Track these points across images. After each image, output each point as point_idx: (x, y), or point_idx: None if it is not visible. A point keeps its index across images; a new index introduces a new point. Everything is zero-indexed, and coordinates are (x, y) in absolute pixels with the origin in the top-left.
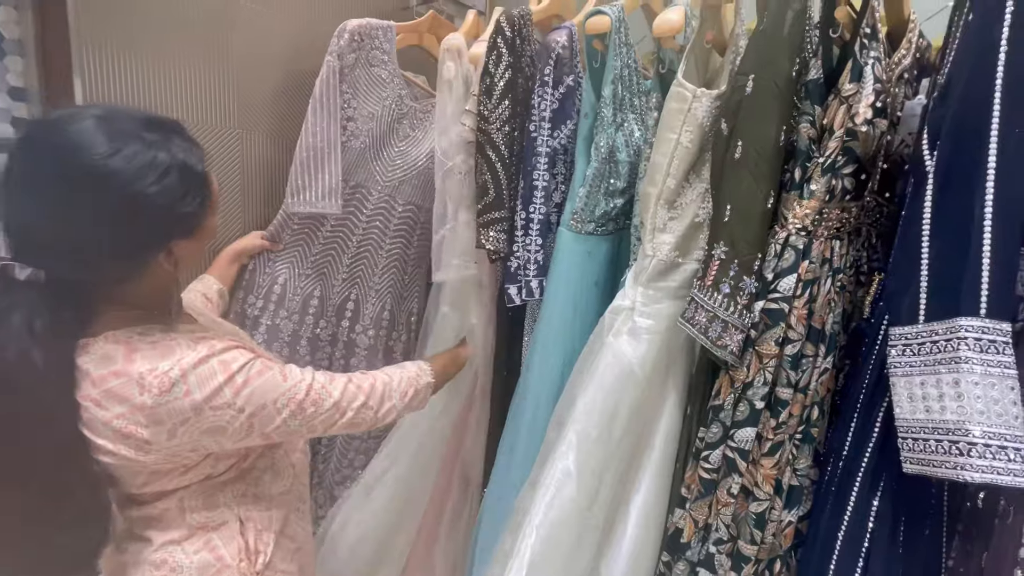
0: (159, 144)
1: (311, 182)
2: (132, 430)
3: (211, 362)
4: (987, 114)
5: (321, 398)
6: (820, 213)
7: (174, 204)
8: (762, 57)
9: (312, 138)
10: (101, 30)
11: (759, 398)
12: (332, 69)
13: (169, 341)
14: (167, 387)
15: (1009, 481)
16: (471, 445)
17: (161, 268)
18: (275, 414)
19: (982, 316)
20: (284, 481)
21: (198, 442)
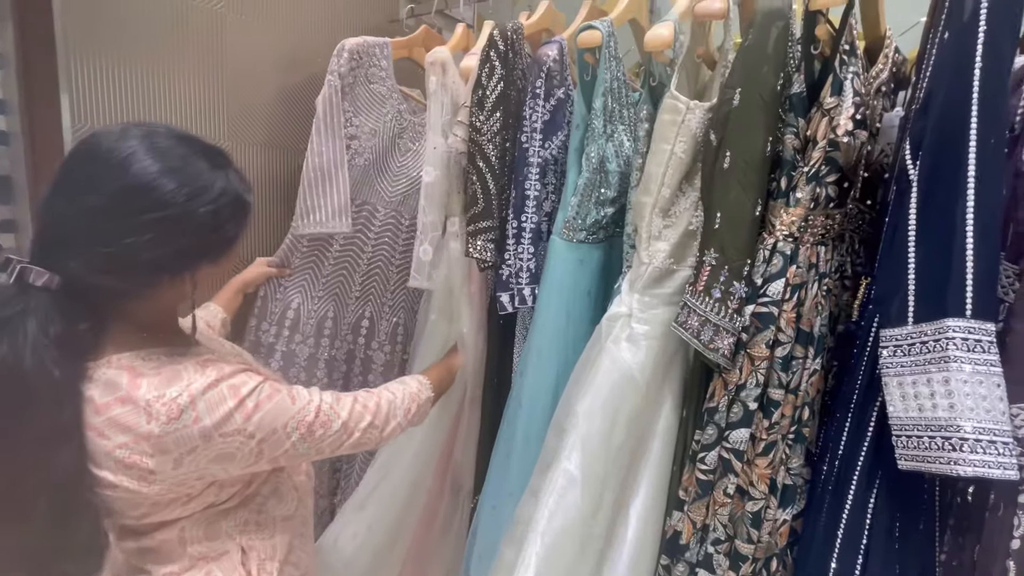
0: (220, 169)
1: (319, 203)
2: (135, 460)
3: (220, 387)
4: (965, 126)
5: (330, 419)
6: (806, 220)
7: (218, 228)
8: (748, 72)
9: (318, 159)
10: (89, 42)
11: (752, 399)
12: (334, 88)
13: (175, 366)
14: (176, 414)
15: (999, 474)
16: (462, 452)
17: (180, 288)
18: (284, 439)
19: (968, 317)
20: (288, 505)
21: (205, 470)
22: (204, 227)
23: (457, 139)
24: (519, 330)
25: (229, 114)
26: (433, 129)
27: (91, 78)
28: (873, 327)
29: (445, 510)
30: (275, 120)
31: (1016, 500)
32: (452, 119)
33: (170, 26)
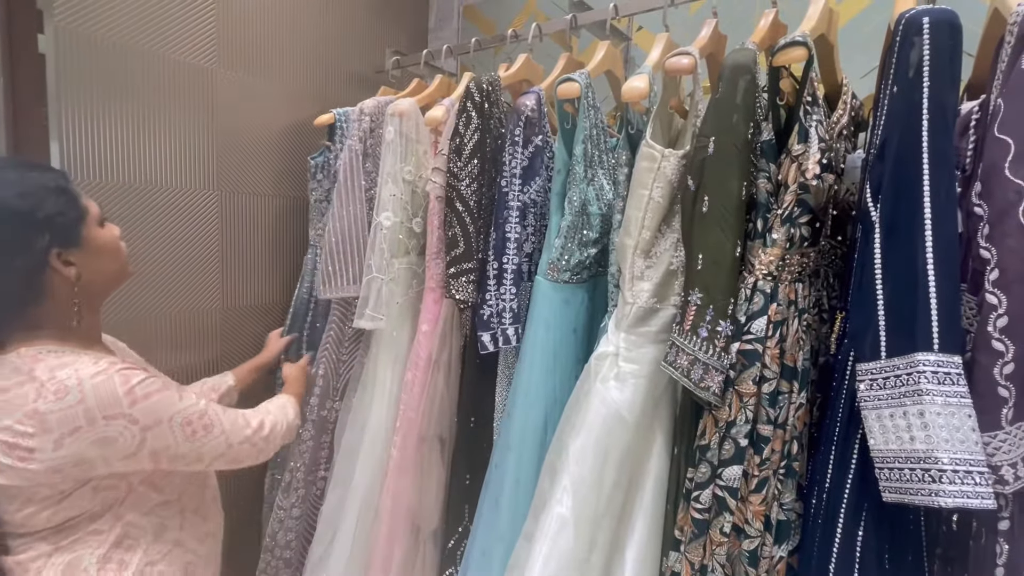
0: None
1: (343, 268)
2: (17, 440)
3: (111, 374)
4: (919, 169)
5: (212, 424)
6: (783, 259)
7: (34, 209)
8: (721, 121)
9: (340, 223)
10: (80, 94)
11: (743, 436)
12: (355, 153)
13: (75, 355)
14: (62, 394)
15: (978, 504)
16: (415, 493)
17: (63, 281)
18: (168, 432)
19: (936, 351)
20: (162, 546)
21: (84, 454)
22: (18, 212)
23: (436, 185)
24: (502, 370)
25: (219, 165)
26: (392, 177)
27: (82, 129)
28: (849, 361)
29: (403, 552)
30: (265, 170)
31: (997, 528)
32: (403, 167)
33: (162, 81)
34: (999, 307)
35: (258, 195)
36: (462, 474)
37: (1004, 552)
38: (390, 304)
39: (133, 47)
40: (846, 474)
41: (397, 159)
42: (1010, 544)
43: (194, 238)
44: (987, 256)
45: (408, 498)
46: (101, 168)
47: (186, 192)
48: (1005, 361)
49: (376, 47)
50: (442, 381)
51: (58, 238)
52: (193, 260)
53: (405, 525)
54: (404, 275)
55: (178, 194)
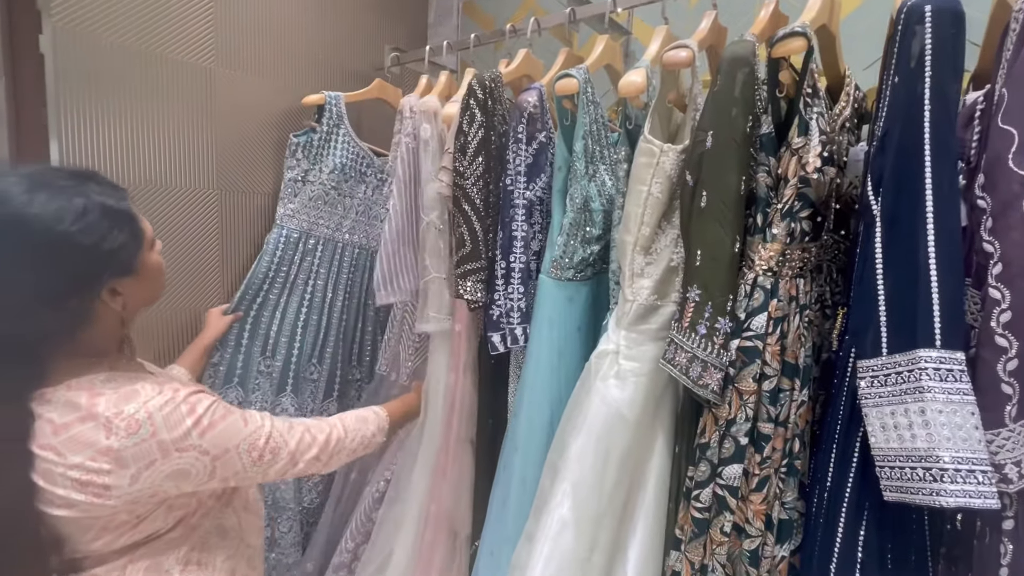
0: (73, 189)
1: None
2: (91, 478)
3: (178, 404)
4: (920, 162)
5: (278, 447)
6: (783, 255)
7: (99, 242)
8: (719, 114)
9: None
10: (79, 94)
11: (743, 434)
12: (411, 150)
13: (132, 385)
14: (134, 429)
15: (980, 504)
16: (454, 497)
17: (109, 310)
18: (236, 459)
19: (938, 347)
20: (230, 544)
21: (160, 486)
22: (83, 246)
23: (443, 184)
24: (512, 369)
25: (219, 164)
26: (428, 175)
27: (81, 129)
28: (851, 357)
29: (442, 558)
30: (265, 168)
31: (1001, 527)
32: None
33: (161, 81)
34: (1002, 302)
35: (258, 194)
36: (483, 477)
37: (1008, 552)
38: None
39: (132, 47)
40: (847, 473)
41: (436, 159)
42: (1015, 544)
43: (194, 238)
44: (990, 250)
45: (448, 503)
46: (100, 168)
47: (186, 191)
48: (1009, 357)
49: (375, 44)
50: (470, 383)
51: (116, 271)
52: (194, 260)
53: (445, 531)
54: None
55: (178, 193)
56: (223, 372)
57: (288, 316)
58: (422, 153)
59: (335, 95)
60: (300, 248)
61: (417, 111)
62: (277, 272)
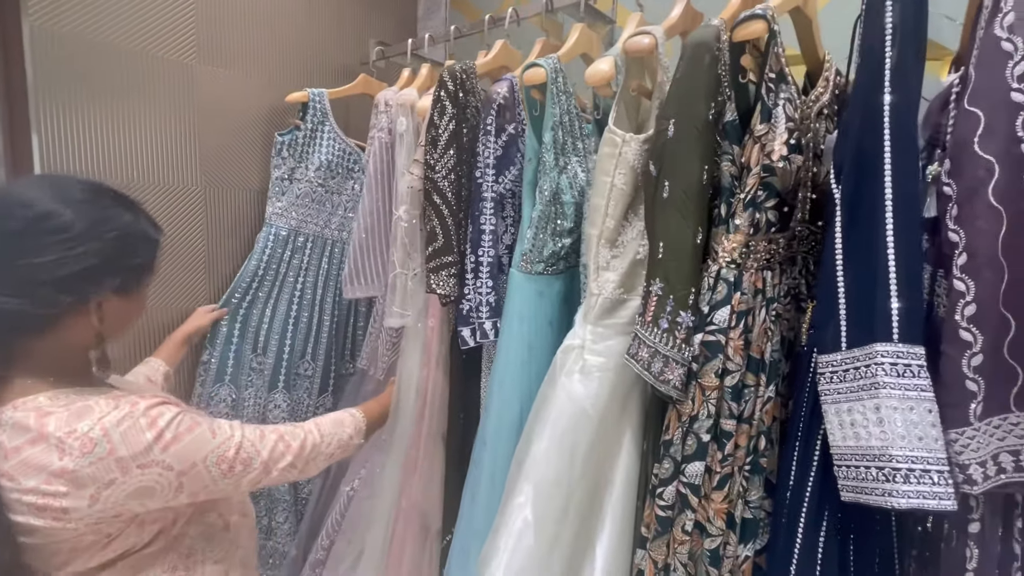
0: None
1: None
2: (48, 502)
3: (136, 418)
4: (880, 149)
5: (250, 457)
6: (747, 246)
7: (121, 255)
8: (681, 102)
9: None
10: (60, 89)
11: (704, 431)
12: (384, 144)
13: (85, 402)
14: (89, 447)
15: (935, 505)
16: (425, 492)
17: (87, 322)
18: (204, 473)
19: (895, 342)
20: (219, 548)
21: (123, 506)
22: (105, 251)
23: (414, 177)
24: (485, 364)
25: (201, 158)
26: (401, 169)
27: (62, 127)
28: (814, 352)
29: (413, 552)
30: (249, 164)
31: (967, 530)
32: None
33: (142, 78)
34: (967, 294)
35: (244, 190)
36: (455, 471)
37: (974, 556)
38: (415, 299)
39: (111, 44)
40: (808, 472)
41: (411, 152)
42: (980, 548)
43: (179, 235)
44: (955, 239)
45: (418, 497)
46: (82, 166)
47: (170, 189)
48: (973, 352)
49: (362, 38)
50: (442, 378)
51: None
52: (179, 257)
53: (416, 525)
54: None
55: (162, 191)
56: (214, 369)
57: (279, 314)
58: (397, 147)
59: (319, 92)
60: (289, 246)
61: (393, 104)
62: (267, 270)
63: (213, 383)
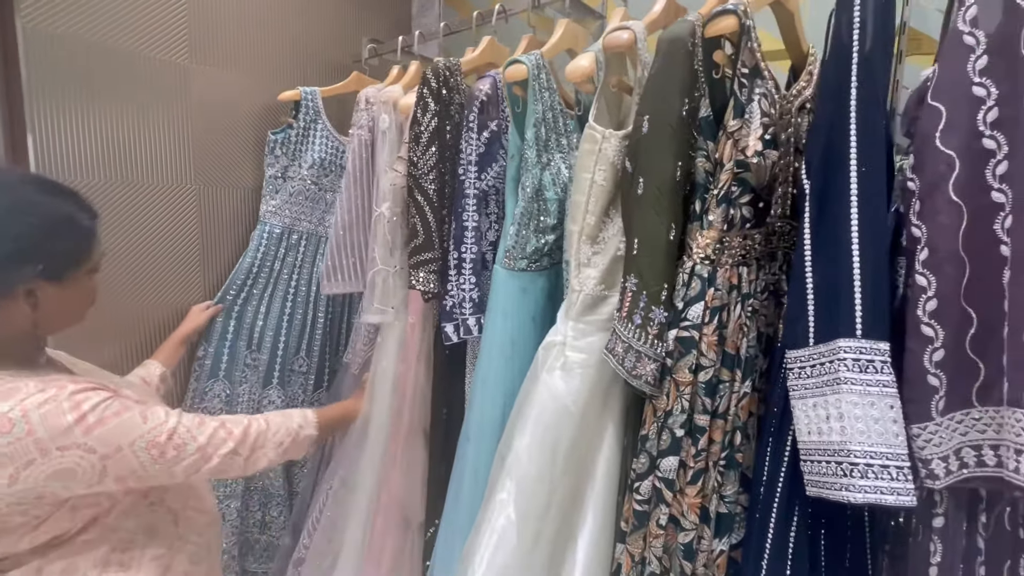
0: (57, 195)
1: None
2: None
3: (60, 401)
4: (846, 143)
5: (184, 443)
6: (721, 242)
7: (46, 241)
8: (655, 98)
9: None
10: (54, 89)
11: (679, 426)
12: (364, 143)
13: (15, 383)
14: (7, 428)
15: (893, 500)
16: (406, 486)
17: (19, 308)
18: (132, 457)
19: (858, 337)
20: (162, 543)
21: (45, 487)
22: (24, 237)
23: (398, 174)
24: (469, 360)
25: (196, 159)
26: (391, 165)
27: (57, 128)
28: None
29: (394, 545)
30: (243, 162)
31: (931, 524)
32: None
33: (135, 79)
34: (928, 289)
35: (238, 188)
36: (439, 465)
37: (938, 551)
38: (395, 295)
39: (104, 45)
40: (779, 467)
41: (394, 149)
42: (943, 543)
43: (174, 233)
44: (918, 234)
45: (398, 491)
46: (77, 166)
47: (164, 188)
48: (935, 347)
49: (357, 36)
50: (423, 373)
51: (43, 273)
52: (174, 254)
53: (396, 518)
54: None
55: (156, 190)
56: (209, 365)
57: (273, 311)
58: (379, 144)
59: (311, 90)
60: (283, 244)
61: (375, 102)
62: (261, 267)
63: (207, 379)
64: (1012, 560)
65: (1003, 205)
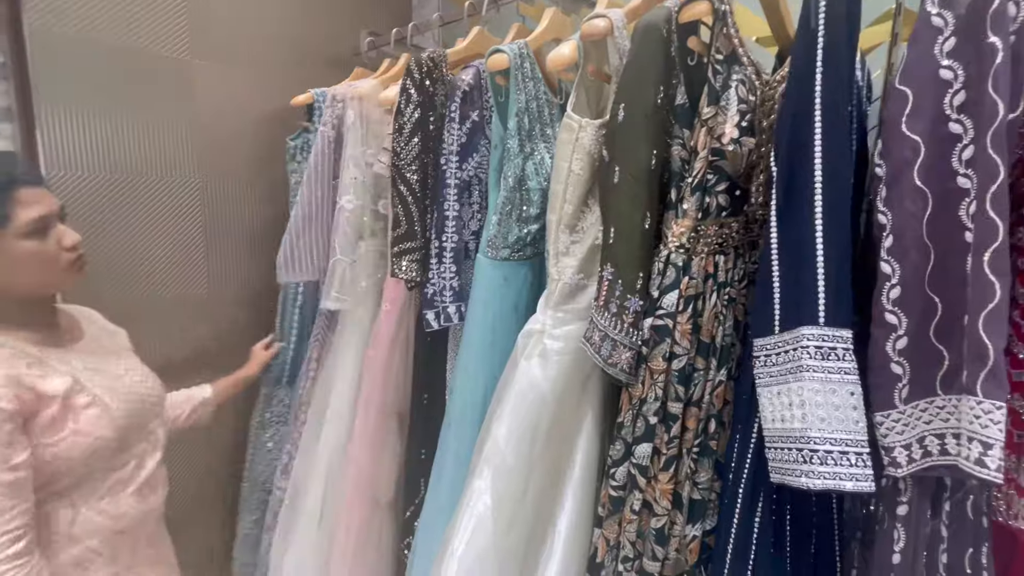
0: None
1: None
2: None
3: None
4: (811, 128)
5: None
6: (696, 231)
7: None
8: (630, 87)
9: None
10: (60, 87)
11: (652, 413)
12: (327, 139)
13: None
14: None
15: (852, 486)
16: (374, 464)
17: None
18: None
19: (821, 324)
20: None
21: None
22: None
23: (381, 165)
24: (451, 347)
25: (199, 152)
26: (353, 160)
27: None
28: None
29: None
30: (245, 154)
31: (895, 512)
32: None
33: (137, 75)
34: (892, 276)
35: (240, 180)
36: (417, 449)
37: (901, 538)
38: (355, 285)
39: (107, 43)
40: (746, 454)
41: (358, 142)
42: (907, 530)
43: (178, 225)
44: (883, 221)
45: (367, 469)
46: (84, 160)
47: (168, 181)
48: (898, 335)
49: (356, 28)
50: (399, 359)
51: None
52: (178, 246)
53: (364, 494)
54: (372, 257)
55: (160, 183)
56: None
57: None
58: (347, 137)
59: (322, 92)
60: None
61: (341, 98)
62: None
63: (273, 385)
64: (974, 547)
65: (968, 191)
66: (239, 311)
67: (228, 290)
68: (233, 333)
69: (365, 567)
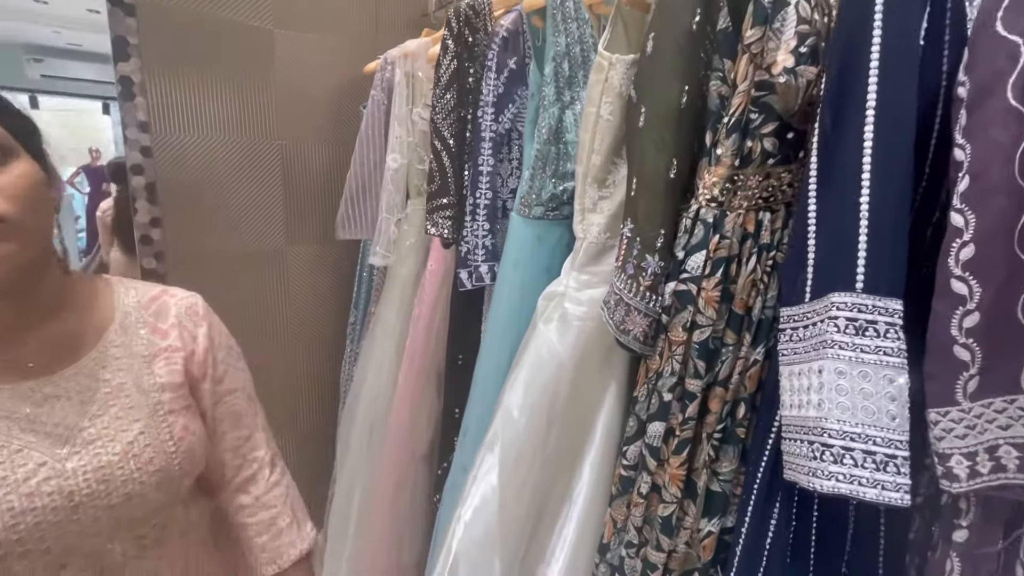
0: None
1: (359, 212)
2: None
3: None
4: (867, 43)
5: None
6: (732, 180)
7: None
8: (662, 11)
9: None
10: (157, 60)
11: (667, 389)
12: (378, 103)
13: None
14: None
15: (874, 495)
16: (411, 418)
17: None
18: None
19: (857, 291)
20: None
21: None
22: None
23: (423, 120)
24: (486, 308)
25: (279, 116)
26: (399, 119)
27: (161, 90)
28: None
29: (400, 470)
30: (321, 118)
31: (951, 538)
32: (412, 108)
33: (225, 44)
34: (965, 231)
35: (316, 142)
36: (451, 408)
37: (955, 570)
38: (400, 244)
39: (200, 14)
40: (764, 444)
41: (404, 101)
42: (963, 563)
43: (259, 182)
44: (960, 157)
45: (406, 423)
46: (178, 124)
47: (251, 143)
48: (967, 309)
49: None
50: (440, 318)
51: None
52: (258, 201)
53: (402, 447)
54: (420, 215)
55: (244, 145)
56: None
57: None
58: (394, 96)
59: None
60: None
61: (392, 60)
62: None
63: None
64: None
65: None
66: (314, 260)
67: (302, 240)
68: (307, 280)
69: (398, 517)
